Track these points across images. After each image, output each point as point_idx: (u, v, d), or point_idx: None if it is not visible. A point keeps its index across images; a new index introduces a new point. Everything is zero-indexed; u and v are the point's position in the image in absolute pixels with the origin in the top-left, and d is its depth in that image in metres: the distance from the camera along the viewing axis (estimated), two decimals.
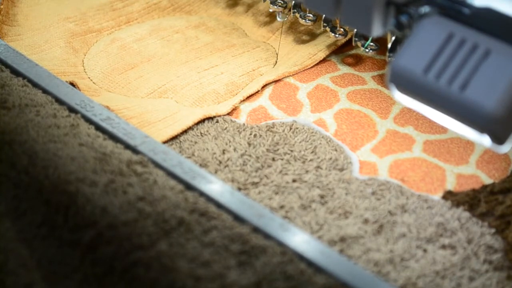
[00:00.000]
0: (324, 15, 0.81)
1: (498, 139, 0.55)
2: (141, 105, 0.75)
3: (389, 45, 0.70)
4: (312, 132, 0.73)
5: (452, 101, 0.54)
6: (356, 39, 0.79)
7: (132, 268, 0.56)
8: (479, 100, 0.53)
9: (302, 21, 0.84)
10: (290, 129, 0.73)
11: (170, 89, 0.78)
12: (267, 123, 0.74)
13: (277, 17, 0.86)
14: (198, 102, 0.77)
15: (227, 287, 0.55)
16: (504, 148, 0.56)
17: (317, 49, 0.82)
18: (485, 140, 0.56)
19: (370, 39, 0.79)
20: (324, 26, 0.82)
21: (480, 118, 0.54)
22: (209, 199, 0.62)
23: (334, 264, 0.58)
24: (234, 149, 0.70)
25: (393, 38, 0.69)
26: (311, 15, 0.84)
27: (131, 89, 0.79)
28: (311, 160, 0.70)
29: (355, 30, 0.79)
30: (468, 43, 0.55)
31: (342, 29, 0.81)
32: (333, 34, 0.81)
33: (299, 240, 0.59)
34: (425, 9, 0.59)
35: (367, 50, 0.79)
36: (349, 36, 0.82)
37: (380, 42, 0.79)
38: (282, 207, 0.65)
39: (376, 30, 0.62)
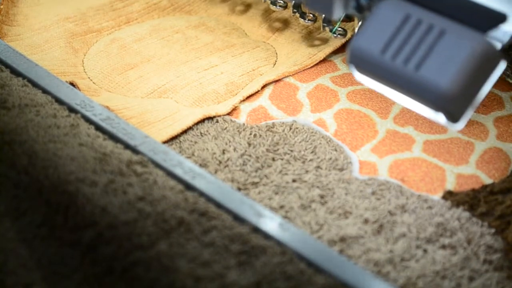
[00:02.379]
0: (324, 16, 0.82)
1: (453, 117, 0.57)
2: (141, 105, 0.75)
3: (356, 29, 0.71)
4: (312, 132, 0.73)
5: (408, 80, 0.56)
6: (325, 24, 0.82)
7: (132, 268, 0.56)
8: (433, 78, 0.55)
9: (302, 21, 0.84)
10: (290, 129, 0.73)
11: (170, 89, 0.78)
12: (267, 123, 0.74)
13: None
14: (198, 102, 0.77)
15: (227, 287, 0.55)
16: (459, 126, 0.57)
17: (317, 49, 0.82)
18: (440, 118, 0.57)
19: (338, 24, 0.81)
20: (323, 26, 0.82)
21: (435, 97, 0.55)
22: (209, 199, 0.62)
23: (334, 264, 0.58)
24: (234, 149, 0.70)
25: (360, 22, 0.70)
26: (311, 15, 0.84)
27: (131, 89, 0.79)
28: (311, 160, 0.70)
29: (323, 16, 0.82)
30: (423, 24, 0.56)
31: (311, 15, 0.83)
32: (302, 20, 0.83)
33: (299, 240, 0.59)
34: None
35: (335, 35, 0.81)
36: (348, 36, 0.82)
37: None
38: (282, 207, 0.65)
39: (337, 13, 0.64)
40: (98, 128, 0.69)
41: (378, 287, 0.57)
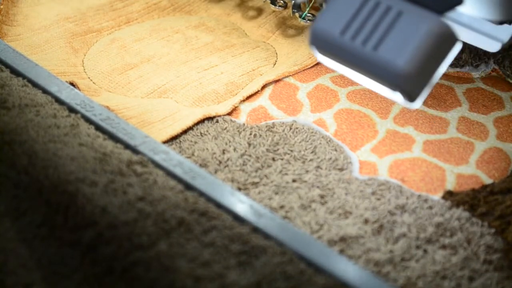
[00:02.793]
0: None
1: (409, 96, 0.58)
2: (141, 105, 0.75)
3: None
4: (312, 132, 0.73)
5: (367, 60, 0.58)
6: (295, 10, 0.83)
7: (132, 268, 0.56)
8: (390, 58, 0.56)
9: (302, 21, 0.84)
10: (290, 129, 0.73)
11: (170, 89, 0.78)
12: (267, 123, 0.74)
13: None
14: (198, 102, 0.77)
15: (227, 287, 0.55)
16: (415, 105, 0.59)
17: None
18: (397, 97, 0.59)
19: (307, 10, 0.82)
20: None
21: (392, 76, 0.57)
22: (209, 199, 0.62)
23: (334, 264, 0.58)
24: (234, 149, 0.70)
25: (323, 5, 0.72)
26: (310, 14, 0.84)
27: (131, 89, 0.79)
28: (311, 160, 0.70)
29: (293, 1, 0.84)
30: (382, 5, 0.58)
31: (282, 1, 0.84)
32: (273, 6, 0.84)
33: (299, 240, 0.59)
34: None
35: (304, 20, 0.82)
36: None
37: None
38: (282, 207, 0.65)
39: None
40: (98, 128, 0.69)
41: (378, 287, 0.57)
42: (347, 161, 0.70)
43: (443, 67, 0.59)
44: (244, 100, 0.76)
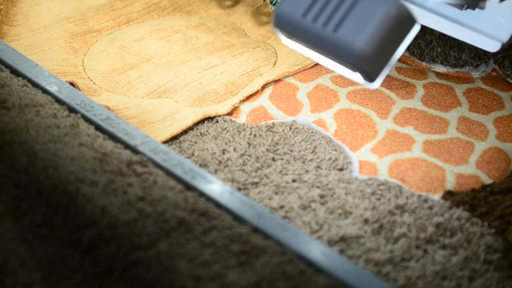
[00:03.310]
0: None
1: (368, 76, 0.61)
2: (141, 105, 0.75)
3: None
4: (312, 132, 0.73)
5: (327, 41, 0.60)
6: None
7: (132, 268, 0.56)
8: (349, 40, 0.59)
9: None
10: (290, 129, 0.73)
11: (170, 89, 0.78)
12: (267, 123, 0.74)
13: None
14: (198, 102, 0.77)
15: (227, 287, 0.55)
16: (374, 85, 0.62)
17: None
18: (357, 78, 0.61)
19: None
20: None
21: (351, 56, 0.59)
22: (209, 199, 0.62)
23: (334, 264, 0.58)
24: (234, 149, 0.70)
25: None
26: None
27: (131, 89, 0.79)
28: (311, 160, 0.70)
29: None
30: None
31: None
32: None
33: (299, 240, 0.59)
34: None
35: (275, 6, 0.83)
36: None
37: None
38: (282, 207, 0.65)
39: None
40: (98, 128, 0.69)
41: (378, 287, 0.57)
42: (347, 161, 0.70)
43: (402, 49, 0.61)
44: (244, 100, 0.76)
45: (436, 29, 0.76)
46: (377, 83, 0.62)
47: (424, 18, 0.76)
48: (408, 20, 0.60)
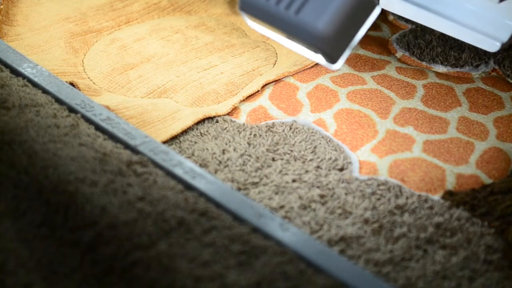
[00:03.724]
0: None
1: (330, 57, 0.63)
2: (141, 105, 0.75)
3: None
4: (312, 132, 0.73)
5: (290, 24, 0.62)
6: None
7: (132, 268, 0.56)
8: (310, 21, 0.60)
9: None
10: (290, 129, 0.73)
11: (170, 89, 0.78)
12: (267, 123, 0.74)
13: None
14: (198, 102, 0.77)
15: (227, 287, 0.55)
16: (336, 66, 0.64)
17: None
18: (320, 59, 0.63)
19: None
20: None
21: (312, 38, 0.61)
22: (209, 199, 0.62)
23: (334, 264, 0.58)
24: (234, 149, 0.70)
25: None
26: None
27: (131, 89, 0.79)
28: (311, 160, 0.70)
29: None
30: None
31: None
32: None
33: (299, 240, 0.59)
34: None
35: None
36: None
37: None
38: (282, 207, 0.65)
39: None
40: (98, 128, 0.69)
41: (378, 287, 0.57)
42: (347, 161, 0.70)
43: (363, 31, 0.63)
44: (244, 100, 0.76)
45: (436, 29, 0.76)
46: (338, 64, 0.63)
47: (424, 18, 0.76)
48: (369, 3, 0.62)
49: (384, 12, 0.91)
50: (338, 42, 0.62)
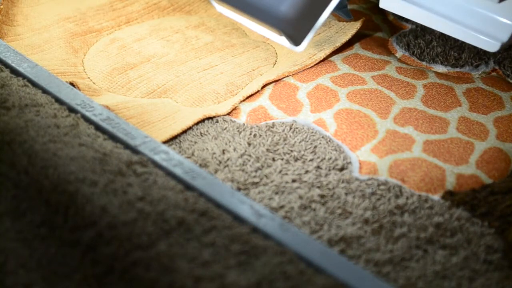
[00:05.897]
0: None
1: (294, 40, 0.64)
2: (141, 105, 0.75)
3: None
4: (312, 132, 0.73)
5: (255, 7, 0.63)
6: None
7: (132, 268, 0.56)
8: (274, 5, 0.62)
9: None
10: (290, 129, 0.73)
11: (170, 89, 0.78)
12: (267, 123, 0.74)
13: None
14: (198, 102, 0.77)
15: (227, 287, 0.55)
16: (300, 48, 0.65)
17: (317, 49, 0.82)
18: (284, 42, 0.65)
19: None
20: None
21: (276, 21, 0.63)
22: (209, 199, 0.62)
23: (334, 264, 0.58)
24: (234, 149, 0.70)
25: None
26: None
27: (131, 89, 0.79)
28: (311, 160, 0.70)
29: None
30: None
31: None
32: None
33: (299, 240, 0.59)
34: None
35: None
36: (349, 36, 0.82)
37: None
38: (282, 207, 0.65)
39: None
40: (98, 128, 0.69)
41: (378, 287, 0.57)
42: (347, 161, 0.70)
43: (326, 14, 0.64)
44: (244, 100, 0.76)
45: (436, 29, 0.76)
46: (302, 47, 0.65)
47: (424, 18, 0.76)
48: None
49: (384, 12, 0.91)
50: (301, 24, 0.63)
